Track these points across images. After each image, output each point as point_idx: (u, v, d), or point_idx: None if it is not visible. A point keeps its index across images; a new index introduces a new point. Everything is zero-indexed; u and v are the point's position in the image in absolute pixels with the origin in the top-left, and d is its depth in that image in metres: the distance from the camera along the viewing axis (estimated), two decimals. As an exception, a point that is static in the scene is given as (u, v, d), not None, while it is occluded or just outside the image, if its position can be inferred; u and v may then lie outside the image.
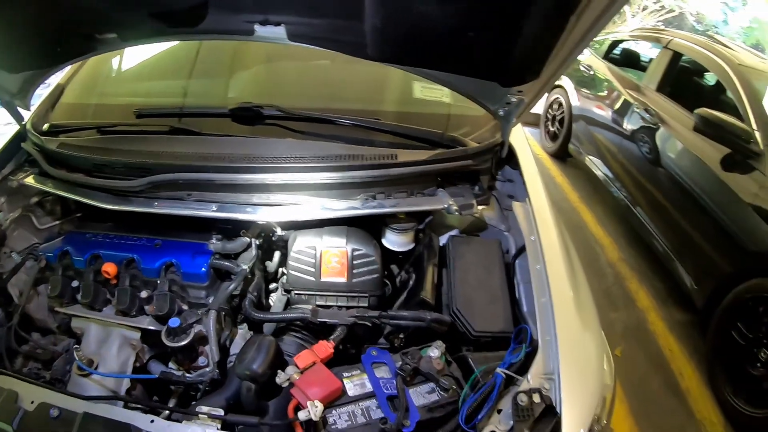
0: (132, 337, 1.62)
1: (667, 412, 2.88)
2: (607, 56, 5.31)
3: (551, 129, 5.90)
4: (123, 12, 1.46)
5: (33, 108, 2.12)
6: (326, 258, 1.60)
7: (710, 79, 4.53)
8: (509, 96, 1.55)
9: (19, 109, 1.99)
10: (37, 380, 1.53)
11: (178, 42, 2.33)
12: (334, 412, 1.24)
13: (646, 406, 2.87)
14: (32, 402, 1.31)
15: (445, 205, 1.64)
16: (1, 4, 1.42)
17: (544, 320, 1.41)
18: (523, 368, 1.32)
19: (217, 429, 1.22)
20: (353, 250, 1.61)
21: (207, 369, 1.52)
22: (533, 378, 1.27)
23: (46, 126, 2.06)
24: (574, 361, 1.31)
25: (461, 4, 1.24)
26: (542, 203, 1.75)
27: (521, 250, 1.68)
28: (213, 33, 1.51)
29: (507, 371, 1.29)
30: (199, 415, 1.26)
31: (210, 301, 1.61)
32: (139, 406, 1.44)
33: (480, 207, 1.74)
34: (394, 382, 1.31)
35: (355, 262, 1.61)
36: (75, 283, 1.67)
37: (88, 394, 1.45)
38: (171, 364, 1.60)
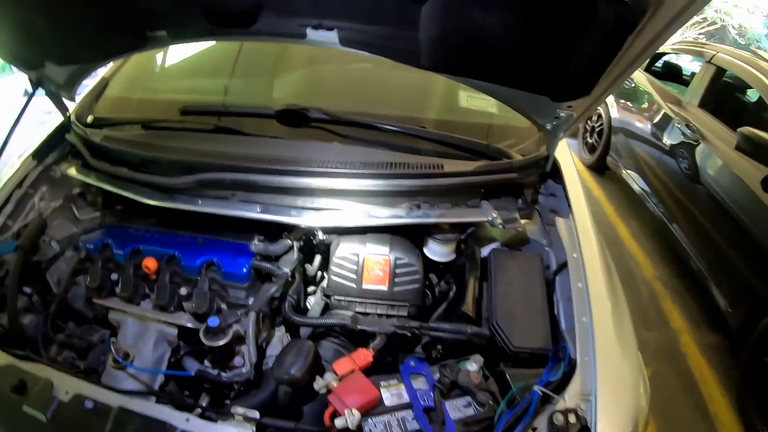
0: (169, 333, 1.63)
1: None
2: (649, 69, 5.22)
3: (589, 141, 5.82)
4: (176, 10, 1.46)
5: (77, 99, 2.14)
6: (369, 265, 1.59)
7: (753, 95, 4.41)
8: (558, 111, 1.51)
9: (64, 101, 2.01)
10: (72, 369, 1.56)
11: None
12: (370, 421, 1.24)
13: (673, 428, 2.82)
14: (67, 392, 1.33)
15: (490, 218, 1.62)
16: None
17: (584, 340, 1.39)
18: (560, 387, 1.30)
19: (252, 431, 1.22)
20: (396, 258, 1.59)
21: (243, 370, 1.51)
22: (570, 398, 1.25)
23: (90, 118, 2.09)
24: (611, 383, 1.29)
25: (521, 19, 1.21)
26: (585, 220, 1.72)
27: (562, 266, 1.65)
28: (264, 35, 1.49)
29: (544, 389, 1.27)
30: (235, 416, 1.25)
31: (249, 302, 1.61)
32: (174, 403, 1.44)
33: (523, 221, 1.71)
34: (432, 394, 1.30)
35: (397, 271, 1.59)
36: (114, 276, 1.68)
37: (123, 388, 1.46)
38: (206, 362, 1.59)
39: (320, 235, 1.69)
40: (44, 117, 2.09)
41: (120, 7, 1.45)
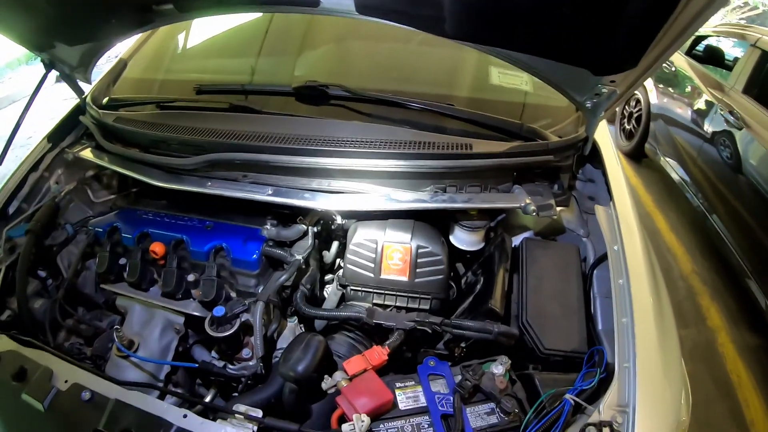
0: (176, 321, 1.58)
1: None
2: (690, 52, 5.00)
3: (627, 127, 5.63)
4: None
5: (94, 82, 2.12)
6: (388, 253, 1.49)
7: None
8: (600, 86, 1.37)
9: (80, 83, 1.99)
10: (78, 356, 1.55)
11: (248, 19, 2.29)
12: (381, 426, 1.15)
13: (707, 433, 2.69)
14: (66, 381, 1.30)
15: (522, 204, 1.49)
16: None
17: (623, 344, 1.24)
18: (595, 396, 1.18)
19: (253, 431, 1.15)
20: (418, 247, 1.49)
21: (251, 362, 1.44)
22: (605, 409, 1.12)
23: (105, 100, 2.05)
24: (652, 394, 1.15)
25: None
26: (627, 209, 1.57)
27: (601, 259, 1.53)
28: (275, 4, 1.42)
29: (576, 398, 1.15)
30: (236, 415, 1.19)
31: (259, 291, 1.53)
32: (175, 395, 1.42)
33: (558, 208, 1.58)
34: (451, 398, 1.20)
35: (419, 261, 1.49)
36: (123, 261, 1.63)
37: (126, 377, 1.45)
38: (214, 353, 1.52)
39: (339, 220, 1.60)
40: (62, 103, 2.07)
41: None
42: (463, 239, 1.60)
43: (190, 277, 1.52)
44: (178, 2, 1.48)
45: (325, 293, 1.74)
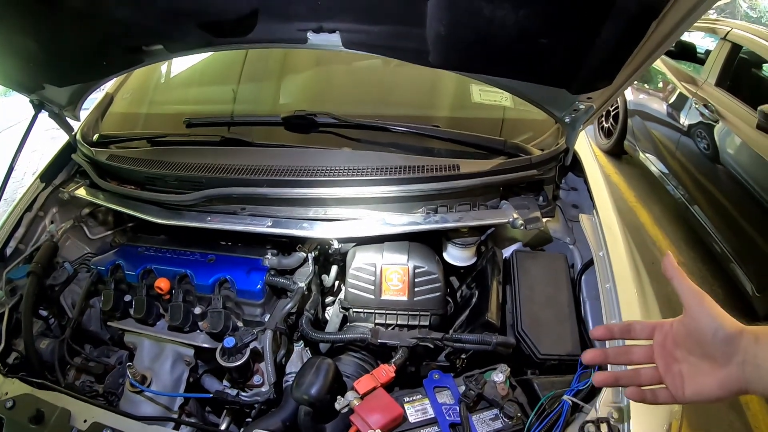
0: (185, 353, 1.60)
1: (725, 428, 2.76)
2: (662, 49, 5.09)
3: (605, 125, 5.73)
4: (169, 24, 1.41)
5: (82, 118, 2.13)
6: (387, 275, 1.54)
7: (770, 70, 4.28)
8: (577, 102, 1.44)
9: (69, 120, 1.99)
10: (90, 394, 1.55)
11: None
12: None
13: (703, 420, 2.76)
14: (85, 421, 1.31)
15: (510, 219, 1.55)
16: (44, 19, 1.39)
17: (614, 344, 1.29)
18: (591, 395, 1.23)
19: None
20: (415, 267, 1.54)
21: (263, 389, 1.48)
22: (601, 406, 1.17)
23: (95, 136, 2.06)
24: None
25: (533, 9, 1.14)
26: (610, 215, 1.64)
27: (588, 264, 1.58)
28: (263, 42, 1.45)
29: (574, 399, 1.20)
30: None
31: (265, 319, 1.57)
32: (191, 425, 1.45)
33: (545, 219, 1.64)
34: (457, 408, 1.25)
35: (417, 280, 1.53)
36: (128, 297, 1.65)
37: (141, 411, 1.48)
38: (225, 381, 1.56)
39: (335, 245, 1.64)
40: (46, 133, 2.08)
41: (112, 25, 1.42)
42: (456, 255, 1.65)
43: (197, 310, 1.53)
44: (167, 43, 1.50)
45: (327, 315, 1.77)
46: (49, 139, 2.06)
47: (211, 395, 1.51)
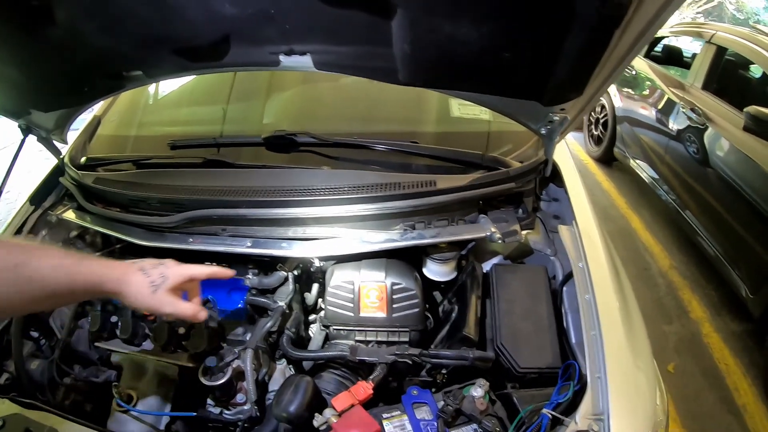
0: (170, 373, 1.61)
1: (722, 431, 2.75)
2: (649, 54, 5.13)
3: (595, 133, 5.74)
4: (145, 51, 1.44)
5: (70, 141, 2.14)
6: (365, 293, 1.55)
7: (756, 71, 4.31)
8: (551, 114, 1.46)
9: (57, 143, 2.01)
10: (79, 413, 1.56)
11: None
12: None
13: (700, 424, 2.76)
14: None
15: (488, 233, 1.56)
16: (25, 47, 1.42)
17: (594, 356, 1.30)
18: (571, 407, 1.23)
19: None
20: (393, 284, 1.55)
21: (245, 407, 1.49)
22: (581, 419, 1.17)
23: (83, 159, 2.08)
24: (625, 400, 1.20)
25: (493, 25, 1.15)
26: (590, 226, 1.65)
27: (569, 276, 1.59)
28: (238, 66, 1.47)
29: (553, 412, 1.21)
30: None
31: (247, 338, 1.58)
32: None
33: (524, 231, 1.65)
34: (435, 424, 1.25)
35: (394, 297, 1.55)
36: (114, 318, 1.66)
37: (128, 430, 1.49)
38: (209, 400, 1.57)
39: (317, 263, 1.65)
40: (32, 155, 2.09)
41: (91, 53, 1.44)
42: (436, 271, 1.66)
43: (181, 330, 1.54)
44: (146, 69, 1.53)
45: (310, 332, 1.78)
46: (43, 159, 2.08)
47: (195, 414, 1.52)
